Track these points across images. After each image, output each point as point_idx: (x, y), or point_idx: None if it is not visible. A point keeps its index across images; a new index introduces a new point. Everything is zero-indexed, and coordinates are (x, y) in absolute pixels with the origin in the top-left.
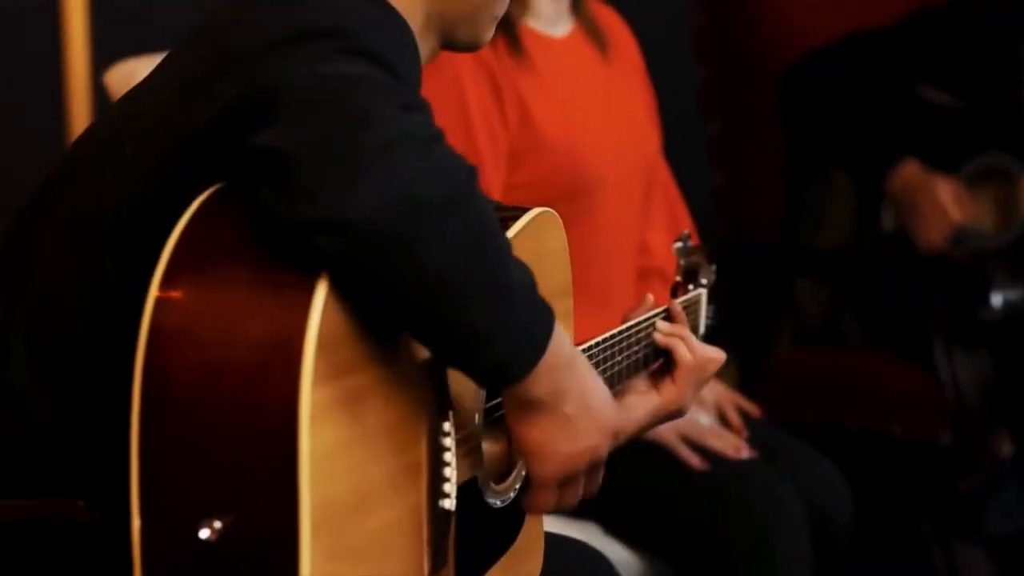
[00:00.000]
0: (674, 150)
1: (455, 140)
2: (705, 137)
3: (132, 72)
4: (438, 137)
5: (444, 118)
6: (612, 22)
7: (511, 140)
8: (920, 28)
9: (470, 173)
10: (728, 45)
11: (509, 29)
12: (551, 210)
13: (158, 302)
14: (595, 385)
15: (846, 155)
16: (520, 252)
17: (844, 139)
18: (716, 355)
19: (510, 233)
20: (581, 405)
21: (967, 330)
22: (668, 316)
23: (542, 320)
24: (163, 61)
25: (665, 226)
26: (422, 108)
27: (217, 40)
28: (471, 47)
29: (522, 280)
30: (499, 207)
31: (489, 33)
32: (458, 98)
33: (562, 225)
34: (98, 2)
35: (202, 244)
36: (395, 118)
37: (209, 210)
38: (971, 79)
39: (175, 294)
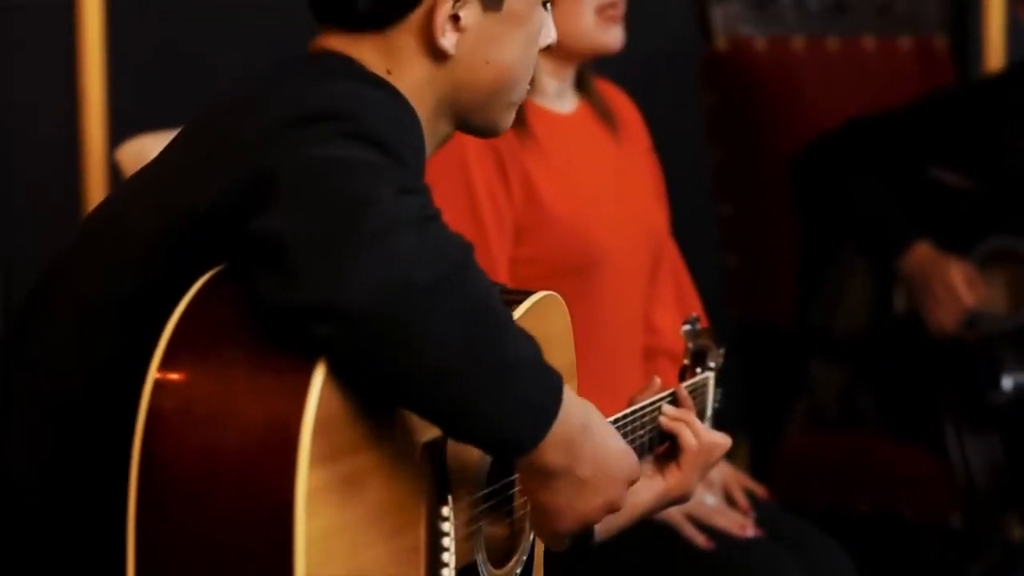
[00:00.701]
0: (687, 232)
1: (460, 216)
2: (718, 219)
3: (143, 149)
4: (434, 217)
5: (449, 194)
6: (618, 100)
7: (516, 216)
8: (931, 110)
9: (466, 250)
10: (740, 127)
11: None
12: (555, 293)
13: (157, 383)
14: (610, 444)
15: (859, 237)
16: None
17: (857, 221)
18: (722, 441)
19: (515, 314)
20: (596, 467)
21: (977, 413)
22: (674, 400)
23: (550, 390)
24: (171, 142)
25: (673, 305)
26: (419, 191)
27: (222, 122)
28: (490, 133)
29: (527, 352)
30: (503, 290)
31: (507, 119)
32: (463, 174)
33: (566, 308)
34: (116, 78)
35: (202, 326)
36: (390, 202)
37: (210, 292)
38: (982, 161)
39: (174, 376)
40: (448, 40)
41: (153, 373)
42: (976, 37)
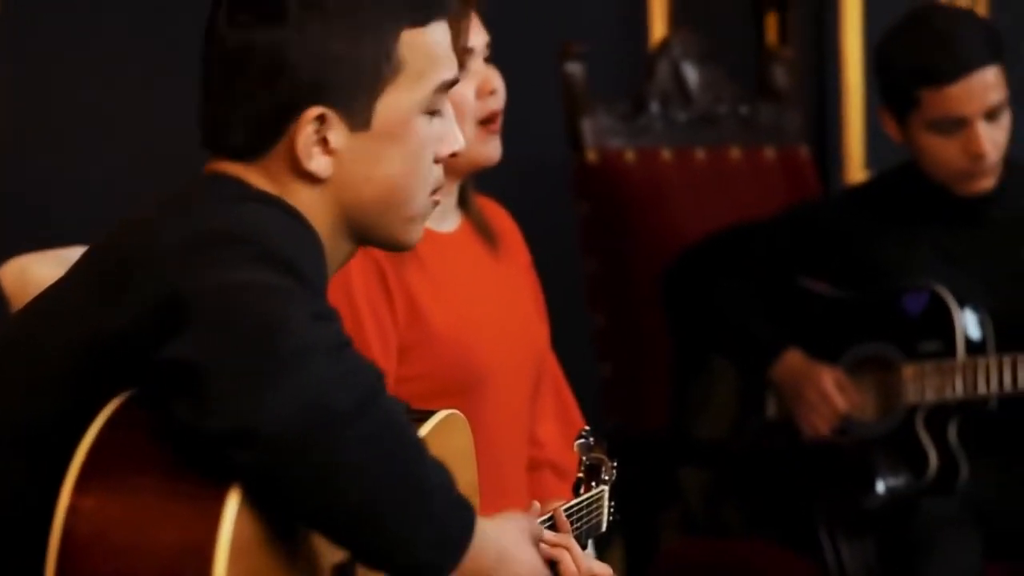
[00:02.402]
0: (564, 341)
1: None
2: (592, 329)
3: (24, 268)
4: (347, 344)
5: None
6: (498, 217)
7: (400, 334)
8: (796, 221)
9: (378, 377)
10: (612, 237)
11: None
12: (458, 412)
13: (70, 511)
14: (526, 570)
15: (729, 347)
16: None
17: (726, 331)
18: (602, 571)
19: (421, 433)
20: None
21: (851, 518)
22: (553, 524)
23: (462, 519)
24: (74, 265)
25: (555, 417)
26: (331, 316)
27: (126, 246)
28: (397, 248)
29: (440, 480)
30: (408, 409)
31: (411, 233)
32: (346, 292)
33: (468, 426)
34: None
35: (114, 451)
36: (304, 328)
37: (120, 418)
38: (848, 270)
39: (87, 503)
40: (318, 164)
41: (65, 501)
42: (836, 147)
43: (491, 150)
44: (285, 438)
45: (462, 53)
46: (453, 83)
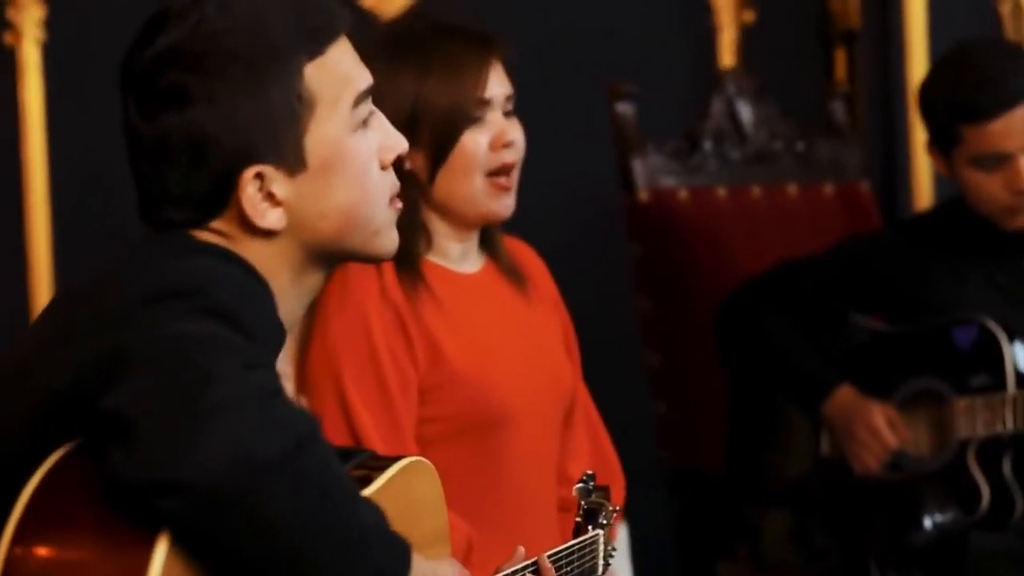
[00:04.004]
0: (617, 380)
1: (365, 381)
2: (646, 367)
3: None
4: (276, 392)
5: (353, 360)
6: (524, 255)
7: (421, 376)
8: (850, 254)
9: (310, 425)
10: (666, 276)
11: (412, 267)
12: (423, 459)
13: (7, 560)
14: None
15: (782, 384)
16: (389, 499)
17: (779, 369)
18: None
19: (379, 481)
20: None
21: (900, 554)
22: (537, 570)
23: (398, 558)
24: (36, 320)
25: (587, 456)
26: (264, 365)
27: (79, 302)
28: (374, 260)
29: (372, 520)
30: (372, 457)
31: (382, 245)
32: (366, 340)
33: (435, 473)
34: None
35: (52, 502)
36: (233, 378)
37: (61, 468)
38: (902, 303)
39: (23, 552)
40: (271, 219)
41: (3, 552)
42: (904, 182)
43: (499, 206)
44: (209, 488)
45: (478, 103)
46: (369, 90)
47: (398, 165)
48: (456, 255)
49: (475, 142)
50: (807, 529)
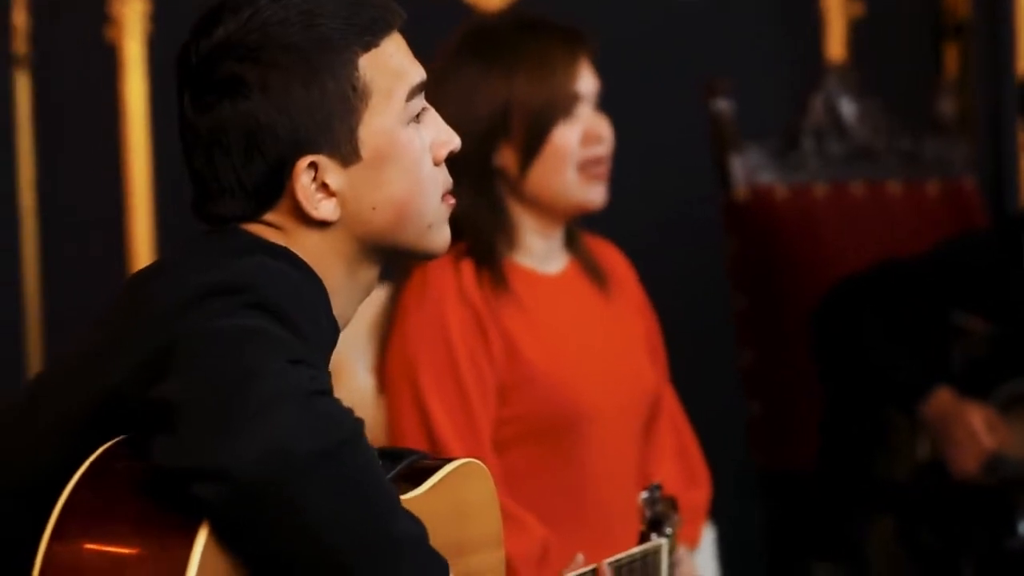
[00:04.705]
0: (709, 379)
1: (443, 382)
2: (741, 366)
3: None
4: (321, 391)
5: (430, 362)
6: (610, 256)
7: (499, 375)
8: (954, 253)
9: (353, 427)
10: (763, 274)
11: (494, 266)
12: (477, 461)
13: (47, 554)
14: None
15: (879, 386)
16: (439, 501)
17: (876, 370)
18: None
19: (430, 482)
20: None
21: (995, 560)
22: None
23: (433, 573)
24: (94, 321)
25: (674, 457)
26: (311, 363)
27: (139, 300)
28: (426, 256)
29: (410, 533)
30: (425, 457)
31: (434, 240)
32: (443, 335)
33: (489, 476)
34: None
35: (94, 495)
36: (279, 373)
37: (105, 462)
38: (1005, 302)
39: (62, 548)
40: (325, 209)
41: (43, 548)
42: (1013, 177)
43: (594, 195)
44: (245, 478)
45: (570, 98)
46: (422, 85)
47: (484, 161)
48: (541, 253)
49: (566, 136)
50: (913, 534)
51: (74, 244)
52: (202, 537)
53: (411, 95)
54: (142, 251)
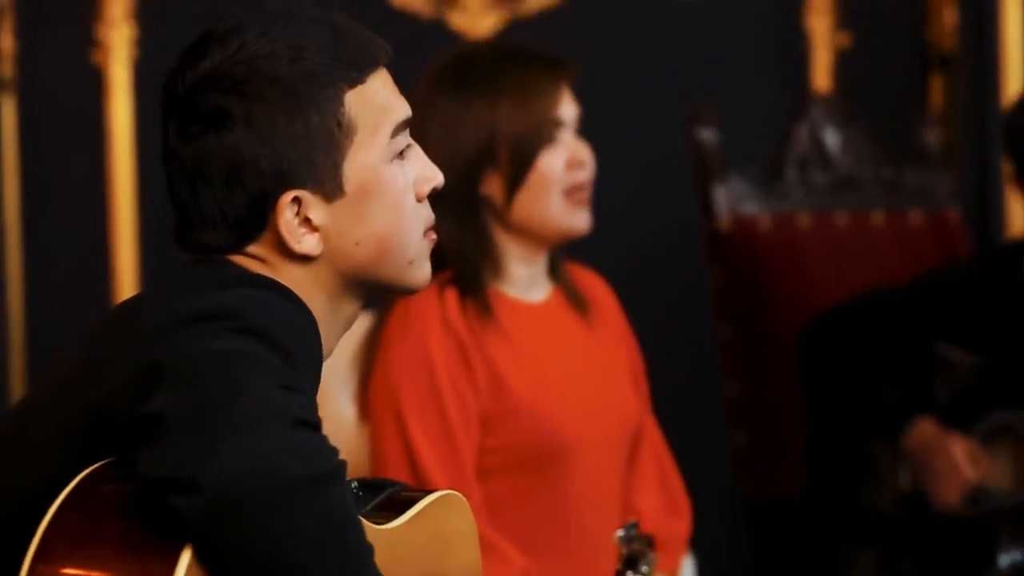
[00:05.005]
0: (694, 409)
1: (426, 413)
2: (725, 396)
3: None
4: (307, 422)
5: (414, 392)
6: (593, 285)
7: (483, 405)
8: (936, 285)
9: (335, 466)
10: (747, 304)
11: (479, 295)
12: (457, 493)
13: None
14: None
15: (862, 416)
16: (418, 531)
17: (859, 400)
18: None
19: (410, 512)
20: None
21: None
22: None
23: None
24: (81, 341)
25: (656, 487)
26: (300, 390)
27: (126, 323)
28: (407, 291)
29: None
30: (406, 488)
31: (415, 276)
32: (426, 365)
33: (468, 508)
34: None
35: (79, 515)
36: (266, 393)
37: (91, 483)
38: (988, 334)
39: (46, 569)
40: (307, 244)
41: (27, 565)
42: (998, 209)
43: (577, 221)
44: (223, 493)
45: (552, 124)
46: (407, 122)
47: (470, 191)
48: (525, 282)
49: (551, 163)
50: (896, 565)
51: (58, 267)
52: (185, 559)
53: (396, 131)
54: (126, 274)
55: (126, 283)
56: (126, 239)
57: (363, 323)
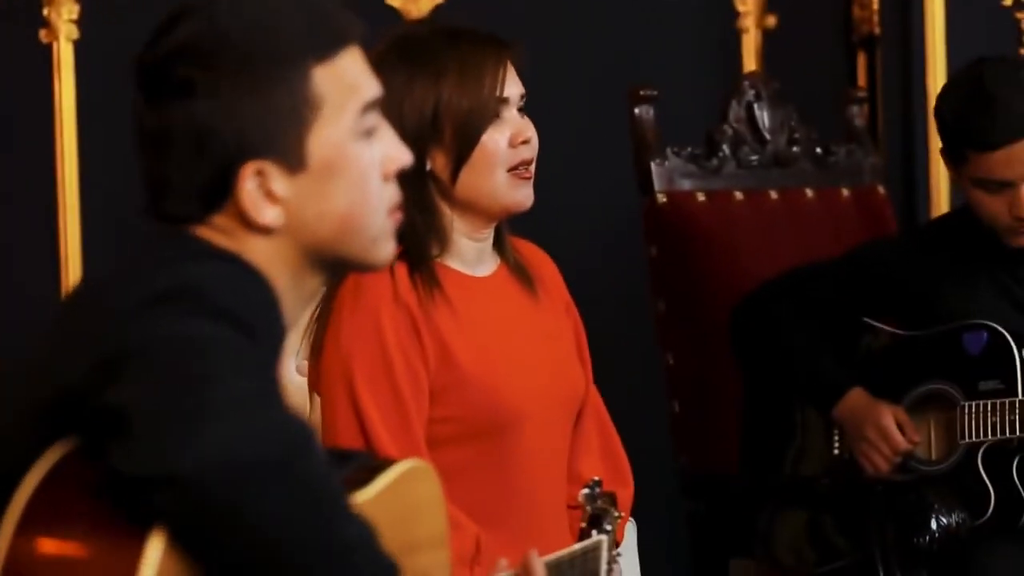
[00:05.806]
0: (636, 380)
1: (376, 381)
2: (663, 367)
3: None
4: (274, 396)
5: (365, 360)
6: (536, 258)
7: (431, 376)
8: (865, 259)
9: (304, 435)
10: (682, 278)
11: (427, 270)
12: (422, 462)
13: (11, 551)
14: None
15: (795, 386)
16: (387, 503)
17: (792, 370)
18: None
19: (377, 484)
20: None
21: (905, 556)
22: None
23: (384, 574)
24: (48, 324)
25: (599, 453)
26: (265, 365)
27: (87, 306)
28: (369, 268)
29: (361, 537)
30: (372, 459)
31: (378, 254)
32: (378, 337)
33: (435, 477)
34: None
35: (49, 503)
36: (231, 379)
37: (64, 464)
38: (916, 307)
39: (25, 544)
40: (268, 215)
41: (6, 543)
42: (923, 186)
43: (521, 196)
44: (198, 486)
45: (497, 102)
46: (377, 101)
47: (415, 167)
48: (471, 257)
49: (495, 140)
50: (821, 529)
51: (3, 244)
52: (155, 541)
53: (365, 109)
54: (72, 250)
55: (73, 264)
56: (72, 218)
57: None
